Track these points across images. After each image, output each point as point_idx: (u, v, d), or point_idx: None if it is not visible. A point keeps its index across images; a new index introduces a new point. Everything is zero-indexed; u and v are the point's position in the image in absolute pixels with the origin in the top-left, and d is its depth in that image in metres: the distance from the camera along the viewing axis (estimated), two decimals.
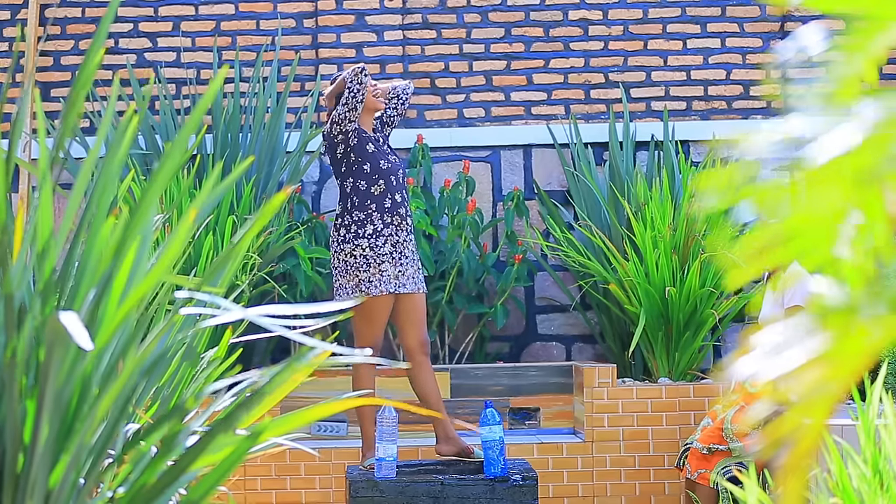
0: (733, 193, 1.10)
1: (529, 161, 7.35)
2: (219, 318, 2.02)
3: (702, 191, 1.12)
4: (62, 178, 7.08)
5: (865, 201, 1.04)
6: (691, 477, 5.32)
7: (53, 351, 1.83)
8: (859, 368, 1.08)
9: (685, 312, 6.30)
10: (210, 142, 7.08)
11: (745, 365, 1.13)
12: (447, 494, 5.15)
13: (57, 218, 2.05)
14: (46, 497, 1.92)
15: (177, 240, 1.96)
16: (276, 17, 7.46)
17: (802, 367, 1.07)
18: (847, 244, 1.07)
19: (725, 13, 7.50)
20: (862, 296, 1.07)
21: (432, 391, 5.51)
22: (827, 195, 1.04)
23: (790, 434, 1.09)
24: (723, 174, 1.11)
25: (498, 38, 7.49)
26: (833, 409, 1.10)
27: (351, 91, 5.35)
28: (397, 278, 5.43)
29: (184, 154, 2.01)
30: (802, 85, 7.03)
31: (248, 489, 6.02)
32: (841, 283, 1.08)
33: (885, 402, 3.05)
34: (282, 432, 2.03)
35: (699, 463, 5.30)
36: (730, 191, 1.09)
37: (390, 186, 5.48)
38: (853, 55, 1.08)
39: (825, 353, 1.06)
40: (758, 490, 2.59)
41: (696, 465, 5.31)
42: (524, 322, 7.25)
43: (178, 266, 3.82)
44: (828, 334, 1.06)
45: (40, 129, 2.26)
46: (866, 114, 1.04)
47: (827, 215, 1.05)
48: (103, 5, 7.50)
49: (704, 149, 7.20)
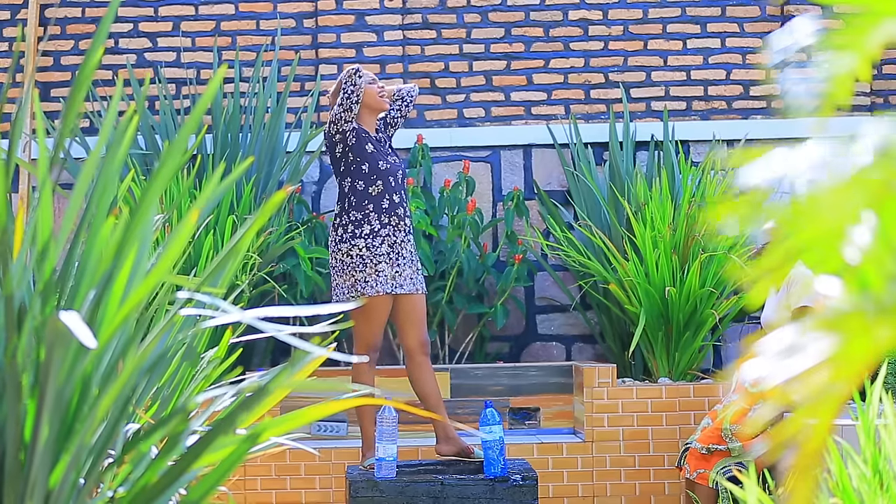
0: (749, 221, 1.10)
1: (529, 161, 7.35)
2: (218, 320, 2.02)
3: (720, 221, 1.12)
4: (62, 178, 7.08)
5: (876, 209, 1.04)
6: (690, 477, 5.32)
7: (53, 351, 1.83)
8: (866, 370, 1.08)
9: (685, 312, 6.30)
10: (210, 142, 7.08)
11: (751, 368, 1.13)
12: (447, 494, 5.15)
13: (57, 218, 2.05)
14: (46, 497, 1.92)
15: (177, 240, 1.96)
16: (276, 17, 7.46)
17: (811, 370, 1.07)
18: (858, 249, 1.07)
19: (725, 13, 7.50)
20: (871, 298, 1.07)
21: (432, 391, 5.51)
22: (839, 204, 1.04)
23: (797, 436, 1.09)
24: (740, 204, 1.12)
25: (498, 38, 7.49)
26: (839, 410, 1.10)
27: (345, 92, 5.37)
28: (394, 279, 5.44)
29: (184, 154, 2.01)
30: (797, 81, 7.03)
31: (248, 489, 6.02)
32: (851, 286, 1.08)
33: (885, 402, 3.05)
34: (282, 432, 2.03)
35: (698, 463, 5.31)
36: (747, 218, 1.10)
37: (388, 187, 5.48)
38: (848, 52, 1.08)
39: (834, 354, 1.06)
40: (758, 490, 2.59)
41: (695, 464, 5.31)
42: (524, 322, 7.25)
43: (178, 266, 3.82)
44: (837, 336, 1.06)
45: (40, 129, 2.26)
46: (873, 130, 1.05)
47: (839, 222, 1.05)
48: (103, 5, 7.50)
49: (704, 149, 7.20)
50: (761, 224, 1.10)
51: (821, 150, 1.07)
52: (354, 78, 5.36)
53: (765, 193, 1.10)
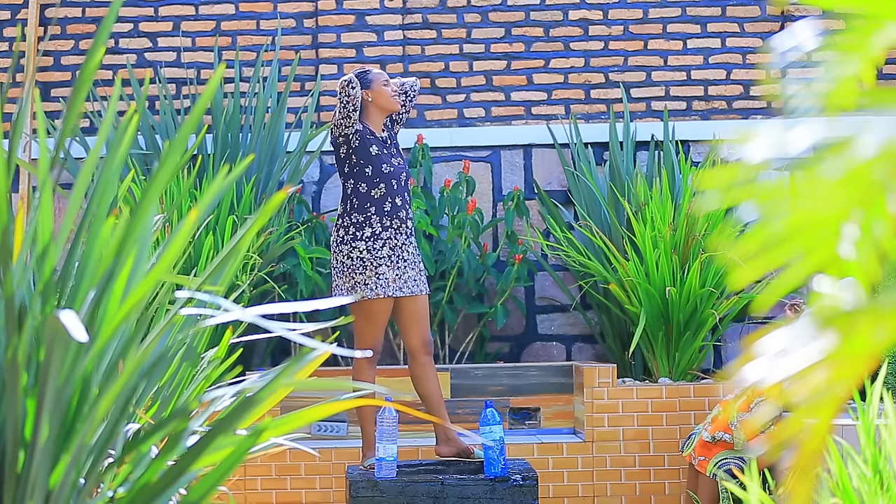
0: (735, 193, 1.10)
1: (529, 161, 7.35)
2: (219, 318, 2.02)
3: (703, 190, 1.12)
4: (62, 178, 7.08)
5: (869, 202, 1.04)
6: (694, 462, 5.38)
7: (53, 350, 1.83)
8: (865, 369, 1.08)
9: (685, 312, 6.30)
10: (210, 142, 7.08)
11: (751, 370, 1.13)
12: (447, 494, 5.15)
13: (57, 218, 2.06)
14: (46, 497, 1.92)
15: (177, 240, 1.96)
16: (276, 17, 7.46)
17: (809, 369, 1.07)
18: (851, 244, 1.07)
19: (725, 13, 7.50)
20: (867, 296, 1.07)
21: (434, 392, 5.51)
22: (830, 196, 1.04)
23: (796, 435, 1.09)
24: (725, 174, 1.11)
25: (498, 38, 7.49)
26: (839, 409, 1.10)
27: (341, 102, 5.41)
28: (395, 282, 5.44)
29: (184, 154, 2.01)
30: (799, 83, 7.04)
31: (248, 489, 6.02)
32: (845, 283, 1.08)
33: (885, 401, 3.05)
34: (282, 432, 2.03)
35: (702, 450, 5.38)
36: (731, 191, 1.09)
37: (391, 190, 5.48)
38: (850, 55, 1.08)
39: (831, 354, 1.06)
40: (758, 490, 2.59)
41: (699, 451, 5.39)
42: (524, 322, 7.25)
43: (179, 266, 3.82)
44: (833, 335, 1.06)
45: (40, 129, 2.26)
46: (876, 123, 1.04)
47: (830, 216, 1.05)
48: (104, 5, 7.50)
49: (704, 149, 7.20)
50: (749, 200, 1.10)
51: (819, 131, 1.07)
52: (348, 89, 5.39)
53: (755, 168, 1.10)
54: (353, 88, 5.41)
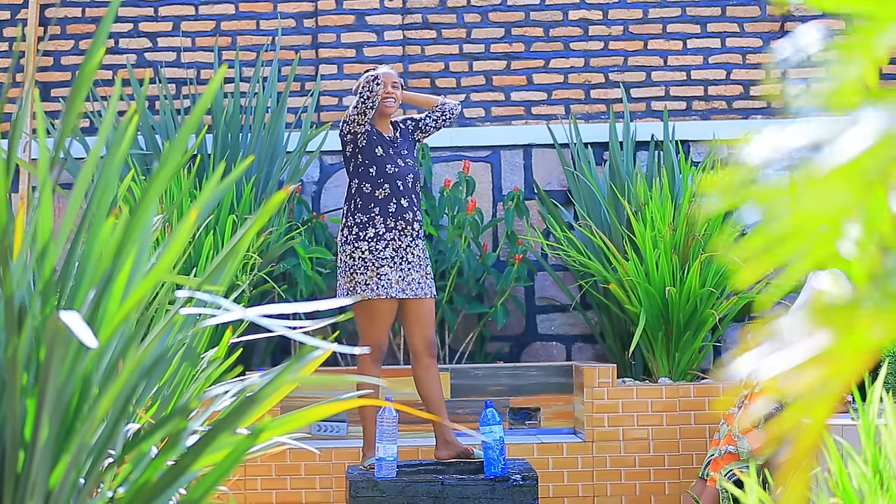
0: (736, 195, 1.10)
1: (529, 161, 7.35)
2: (219, 318, 2.02)
3: (704, 192, 1.12)
4: (62, 178, 7.08)
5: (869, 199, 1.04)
6: (705, 478, 5.33)
7: (53, 350, 1.83)
8: (861, 366, 1.08)
9: (685, 312, 6.30)
10: (210, 142, 7.08)
11: (746, 363, 1.12)
12: (447, 494, 5.15)
13: (57, 218, 2.06)
14: (46, 497, 1.92)
15: (177, 240, 1.96)
16: (276, 17, 7.46)
17: (804, 365, 1.07)
18: (851, 241, 1.07)
19: (725, 13, 7.50)
20: (865, 292, 1.07)
21: (436, 394, 5.51)
22: (831, 194, 1.04)
23: (791, 432, 1.09)
24: (726, 176, 1.11)
25: (498, 38, 7.49)
26: (834, 407, 1.09)
27: (361, 97, 5.36)
28: (398, 283, 5.42)
29: (184, 154, 2.01)
30: (801, 85, 7.04)
31: (248, 489, 6.02)
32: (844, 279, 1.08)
33: (885, 401, 3.05)
34: (282, 432, 2.03)
35: (714, 466, 5.32)
36: (732, 192, 1.09)
37: (396, 191, 5.47)
38: (853, 56, 1.08)
39: (827, 350, 1.06)
40: (758, 490, 2.59)
41: (712, 467, 5.33)
42: (524, 322, 7.25)
43: (179, 266, 3.82)
44: (830, 331, 1.06)
45: (40, 129, 2.26)
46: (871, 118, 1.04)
47: (830, 213, 1.05)
48: (103, 5, 7.50)
49: (704, 149, 7.20)
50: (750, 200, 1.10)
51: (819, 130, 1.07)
52: (372, 85, 5.34)
53: (755, 169, 1.10)
54: (377, 85, 5.36)
